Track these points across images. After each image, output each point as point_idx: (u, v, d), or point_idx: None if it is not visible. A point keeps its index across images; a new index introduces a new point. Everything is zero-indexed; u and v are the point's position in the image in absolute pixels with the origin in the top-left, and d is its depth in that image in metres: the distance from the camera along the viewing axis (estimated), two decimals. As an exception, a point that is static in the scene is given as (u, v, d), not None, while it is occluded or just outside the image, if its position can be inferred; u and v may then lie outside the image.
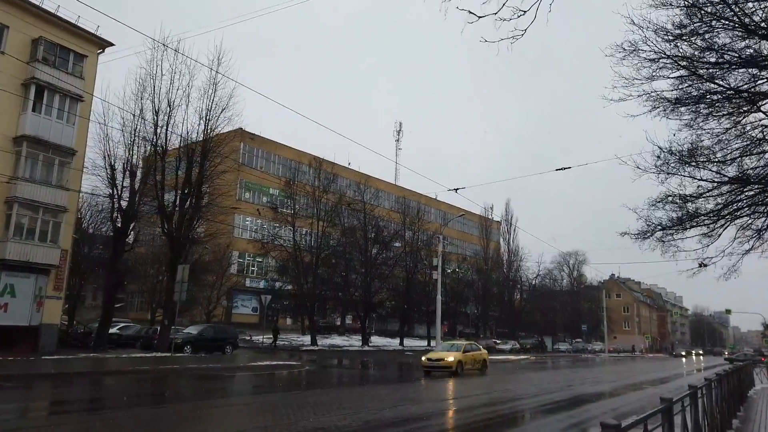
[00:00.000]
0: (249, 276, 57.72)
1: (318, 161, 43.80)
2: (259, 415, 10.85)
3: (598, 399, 16.98)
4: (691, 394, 5.98)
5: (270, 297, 35.75)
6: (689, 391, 5.98)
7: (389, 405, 12.56)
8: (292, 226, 41.04)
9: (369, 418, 10.48)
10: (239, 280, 54.18)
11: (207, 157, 28.34)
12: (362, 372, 25.15)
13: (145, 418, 10.12)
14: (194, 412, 11.03)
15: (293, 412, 10.97)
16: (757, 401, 17.58)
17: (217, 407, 11.58)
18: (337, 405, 12.25)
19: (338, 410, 11.29)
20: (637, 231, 16.44)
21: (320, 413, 10.77)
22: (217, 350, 30.95)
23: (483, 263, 69.59)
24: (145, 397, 13.98)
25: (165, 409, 11.84)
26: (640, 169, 13.86)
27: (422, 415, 11.11)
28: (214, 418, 9.90)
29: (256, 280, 55.90)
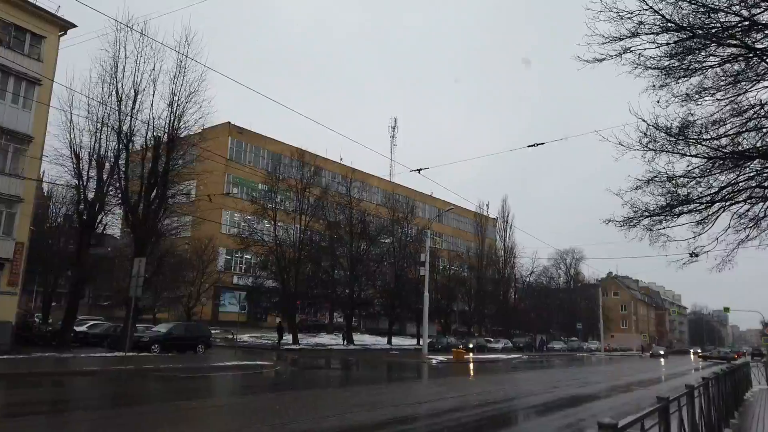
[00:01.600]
0: (236, 273, 56.23)
1: (300, 153, 42.24)
2: (182, 424, 9.37)
3: (581, 402, 15.50)
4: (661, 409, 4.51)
5: (245, 293, 34.12)
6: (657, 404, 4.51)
7: (339, 411, 11.11)
8: (273, 220, 39.46)
9: (305, 428, 9.02)
10: (225, 278, 52.68)
11: (174, 145, 26.74)
12: (334, 373, 23.66)
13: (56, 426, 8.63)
14: (115, 420, 9.54)
15: (227, 419, 9.47)
16: (755, 405, 16.10)
17: (144, 414, 10.11)
18: (276, 412, 10.79)
19: (273, 417, 9.83)
20: (623, 218, 14.89)
21: (253, 421, 9.28)
22: (189, 349, 29.53)
23: (476, 260, 68.04)
24: (76, 402, 12.50)
25: (88, 415, 10.34)
26: (622, 146, 12.30)
27: (368, 426, 9.63)
28: (131, 426, 8.41)
29: (244, 277, 54.37)
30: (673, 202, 14.72)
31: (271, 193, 40.14)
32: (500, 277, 72.13)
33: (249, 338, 46.08)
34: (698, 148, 12.53)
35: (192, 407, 11.81)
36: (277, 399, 13.43)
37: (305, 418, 10.12)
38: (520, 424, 11.22)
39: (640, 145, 12.29)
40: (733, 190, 14.06)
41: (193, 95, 27.20)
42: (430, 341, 48.05)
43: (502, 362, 39.35)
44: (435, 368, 28.05)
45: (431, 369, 27.37)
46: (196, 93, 27.60)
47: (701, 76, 12.49)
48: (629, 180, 12.80)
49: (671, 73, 12.28)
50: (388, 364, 29.75)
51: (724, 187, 14.31)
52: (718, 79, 12.51)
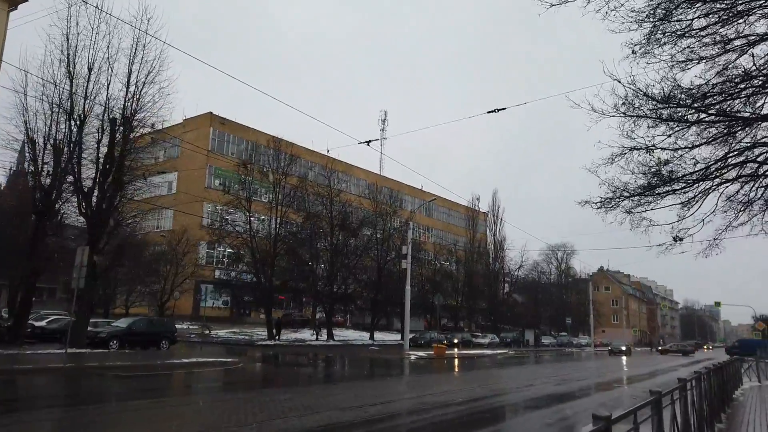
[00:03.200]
0: (219, 267, 54.55)
1: (276, 141, 40.54)
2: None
3: (553, 403, 14.04)
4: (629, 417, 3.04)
5: (210, 287, 32.50)
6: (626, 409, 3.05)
7: (267, 417, 9.64)
8: (248, 210, 37.79)
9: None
10: (206, 272, 50.94)
11: (131, 127, 24.98)
12: (297, 371, 22.13)
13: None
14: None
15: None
16: (745, 405, 14.69)
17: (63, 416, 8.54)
18: (193, 417, 9.30)
19: (182, 425, 8.31)
20: (600, 199, 13.40)
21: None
22: (153, 345, 28.00)
23: (464, 253, 66.65)
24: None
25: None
26: (596, 112, 10.76)
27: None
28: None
29: (226, 272, 52.67)
30: (655, 181, 13.27)
31: (245, 183, 38.45)
32: (490, 271, 70.86)
33: (226, 334, 44.52)
34: (685, 112, 10.97)
35: (105, 411, 10.30)
36: (212, 402, 11.94)
37: (226, 423, 8.65)
38: (486, 427, 9.77)
39: (616, 111, 10.78)
40: (721, 166, 12.60)
41: (152, 75, 25.41)
42: (414, 336, 46.70)
43: (486, 358, 37.97)
44: (411, 365, 26.60)
45: (408, 365, 25.93)
46: (157, 72, 25.81)
47: (689, 38, 11.04)
48: (601, 147, 11.21)
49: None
50: (363, 361, 28.29)
51: (712, 164, 12.85)
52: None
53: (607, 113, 10.74)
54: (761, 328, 59.00)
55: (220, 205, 38.82)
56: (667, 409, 5.24)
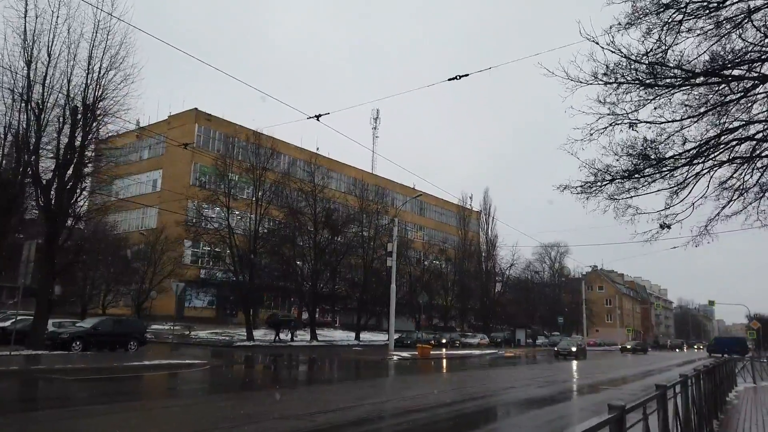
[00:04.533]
0: (200, 267, 53.11)
1: (256, 135, 39.21)
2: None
3: (529, 408, 12.81)
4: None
5: (183, 285, 31.15)
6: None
7: (197, 428, 8.32)
8: (226, 206, 36.45)
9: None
10: (191, 272, 49.41)
11: (92, 115, 23.58)
12: (265, 374, 20.87)
13: None
14: None
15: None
16: (739, 410, 13.49)
17: None
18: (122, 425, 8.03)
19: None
20: (581, 183, 12.18)
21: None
22: (120, 347, 26.63)
23: (454, 252, 65.46)
24: None
25: None
26: (572, 80, 9.51)
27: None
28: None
29: (212, 271, 51.20)
30: (641, 164, 12.04)
31: (223, 177, 37.11)
32: (482, 270, 69.74)
33: (207, 335, 43.17)
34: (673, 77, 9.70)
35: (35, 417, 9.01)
36: (145, 409, 10.69)
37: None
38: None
39: (595, 79, 9.54)
40: (714, 144, 11.39)
41: (116, 60, 24.00)
42: (400, 337, 45.48)
43: (473, 359, 36.75)
44: (390, 366, 25.36)
45: (386, 367, 24.69)
46: (122, 59, 24.39)
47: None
48: (570, 113, 9.96)
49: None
50: (342, 362, 27.04)
51: (704, 143, 11.64)
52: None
53: (584, 81, 9.52)
54: (756, 327, 57.99)
55: (198, 201, 37.34)
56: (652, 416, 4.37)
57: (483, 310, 68.05)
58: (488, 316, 68.34)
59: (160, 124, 62.62)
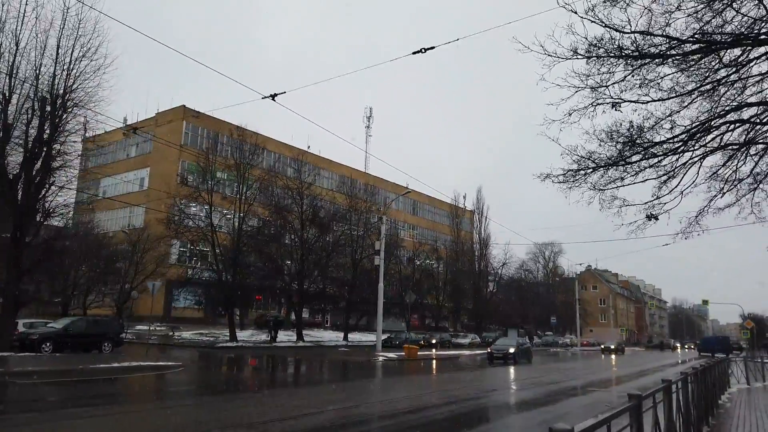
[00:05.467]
0: (182, 266, 52.07)
1: (240, 130, 38.26)
2: None
3: (510, 414, 11.96)
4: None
5: (159, 284, 30.16)
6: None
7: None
8: (208, 204, 35.50)
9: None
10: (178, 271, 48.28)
11: (62, 106, 22.59)
12: (236, 376, 19.99)
13: None
14: None
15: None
16: (732, 413, 12.68)
17: None
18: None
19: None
20: (563, 171, 11.34)
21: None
22: (94, 348, 25.74)
23: (445, 251, 64.63)
24: None
25: None
26: (549, 55, 8.65)
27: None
28: None
29: (200, 271, 50.15)
30: (627, 151, 11.20)
31: (205, 174, 36.17)
32: (474, 269, 68.94)
33: (192, 335, 42.24)
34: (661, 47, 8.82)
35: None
36: (86, 417, 9.77)
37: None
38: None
39: (574, 53, 8.69)
40: (707, 128, 10.56)
41: (89, 50, 23.04)
42: (389, 337, 44.67)
43: (462, 359, 35.93)
44: (373, 368, 24.52)
45: (368, 369, 23.84)
46: (95, 49, 23.44)
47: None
48: (543, 87, 9.13)
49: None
50: (323, 364, 26.16)
51: (695, 127, 10.80)
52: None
53: (563, 56, 8.67)
54: (750, 327, 57.48)
55: (179, 198, 36.30)
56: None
57: (476, 309, 67.25)
58: (481, 315, 67.53)
59: (147, 122, 61.63)
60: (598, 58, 8.66)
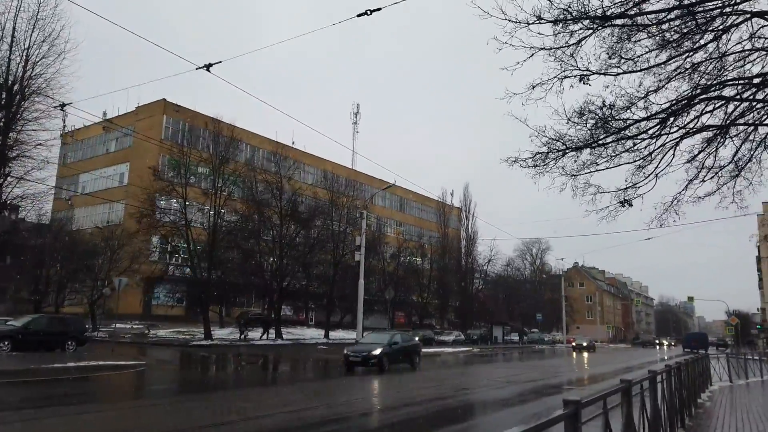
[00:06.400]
0: (167, 263, 50.85)
1: (216, 123, 37.20)
2: None
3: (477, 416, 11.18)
4: None
5: (125, 281, 29.07)
6: None
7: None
8: (182, 198, 34.44)
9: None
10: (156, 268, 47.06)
11: (19, 93, 21.51)
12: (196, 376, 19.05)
13: None
14: None
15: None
16: (712, 413, 11.98)
17: None
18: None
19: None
20: (532, 154, 10.54)
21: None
22: (57, 347, 24.62)
23: (429, 248, 63.92)
24: None
25: None
26: (510, 20, 7.79)
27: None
28: None
29: (178, 267, 48.90)
30: (600, 134, 10.43)
31: (179, 167, 35.10)
32: (461, 266, 68.35)
33: (168, 333, 41.11)
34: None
35: None
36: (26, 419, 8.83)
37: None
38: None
39: (538, 19, 7.85)
40: (684, 106, 9.80)
41: (49, 36, 22.00)
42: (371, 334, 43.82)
43: (443, 357, 35.21)
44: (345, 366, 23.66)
45: (339, 367, 22.96)
46: (56, 35, 22.41)
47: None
48: (495, 46, 8.30)
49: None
50: (296, 362, 25.30)
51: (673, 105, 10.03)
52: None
53: (524, 21, 7.84)
54: (734, 323, 57.48)
55: (151, 192, 35.14)
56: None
57: (462, 306, 66.65)
58: (467, 313, 66.93)
59: (127, 116, 60.19)
60: (565, 22, 7.84)
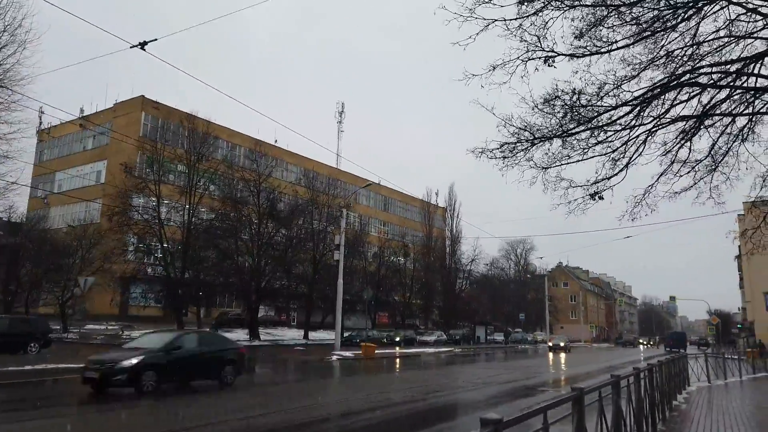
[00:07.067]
0: (141, 262, 49.70)
1: (190, 119, 36.29)
2: None
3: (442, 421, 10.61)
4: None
5: (92, 280, 28.15)
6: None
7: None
8: (155, 195, 33.54)
9: None
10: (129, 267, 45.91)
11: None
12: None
13: None
14: None
15: None
16: (688, 415, 11.53)
17: None
18: None
19: None
20: (499, 144, 9.99)
21: None
22: (18, 349, 23.71)
23: (413, 247, 63.42)
24: None
25: None
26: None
27: None
28: None
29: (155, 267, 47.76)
30: (569, 123, 9.91)
31: (152, 164, 34.18)
32: (445, 266, 67.88)
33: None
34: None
35: None
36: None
37: None
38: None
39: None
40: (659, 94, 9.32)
41: (5, 23, 21.05)
42: (350, 335, 43.28)
43: (422, 357, 34.67)
44: (323, 368, 23.06)
45: (315, 369, 22.35)
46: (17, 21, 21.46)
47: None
48: (446, 21, 7.74)
49: None
50: (267, 365, 24.53)
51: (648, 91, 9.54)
52: None
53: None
54: (715, 323, 57.78)
55: (123, 189, 34.13)
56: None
57: (445, 306, 66.16)
58: (450, 312, 66.47)
59: (105, 113, 58.92)
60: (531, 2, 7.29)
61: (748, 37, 9.47)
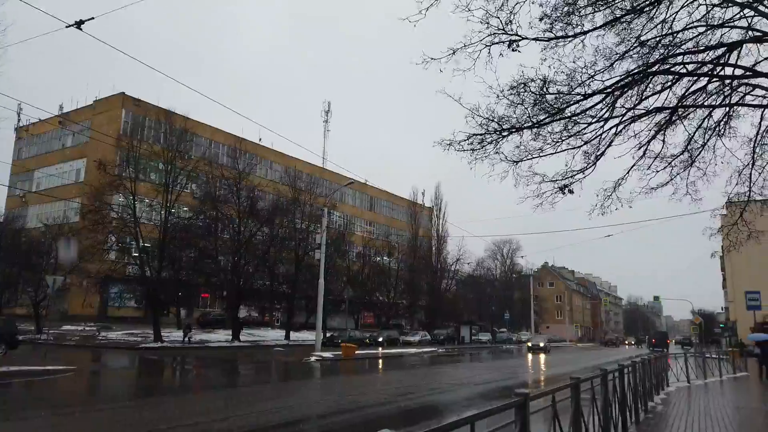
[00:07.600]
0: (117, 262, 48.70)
1: (168, 115, 35.57)
2: None
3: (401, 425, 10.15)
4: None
5: (61, 279, 27.33)
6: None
7: None
8: (131, 193, 32.77)
9: None
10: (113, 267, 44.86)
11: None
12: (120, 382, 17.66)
13: None
14: None
15: None
16: (664, 417, 11.17)
17: None
18: None
19: None
20: (467, 135, 9.55)
21: None
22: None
23: (397, 247, 63.01)
24: None
25: None
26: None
27: None
28: None
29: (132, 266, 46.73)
30: (537, 113, 9.51)
31: (129, 161, 33.43)
32: (430, 266, 67.50)
33: (121, 335, 39.24)
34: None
35: None
36: None
37: None
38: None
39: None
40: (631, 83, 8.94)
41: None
42: (332, 335, 42.82)
43: (406, 357, 34.23)
44: (300, 369, 22.52)
45: (291, 371, 21.84)
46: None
47: None
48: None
49: None
50: (244, 366, 23.98)
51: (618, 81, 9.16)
52: None
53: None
54: (698, 322, 58.05)
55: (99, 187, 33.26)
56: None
57: (430, 306, 65.79)
58: (435, 312, 66.09)
59: (85, 110, 57.84)
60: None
61: (723, 26, 9.15)
